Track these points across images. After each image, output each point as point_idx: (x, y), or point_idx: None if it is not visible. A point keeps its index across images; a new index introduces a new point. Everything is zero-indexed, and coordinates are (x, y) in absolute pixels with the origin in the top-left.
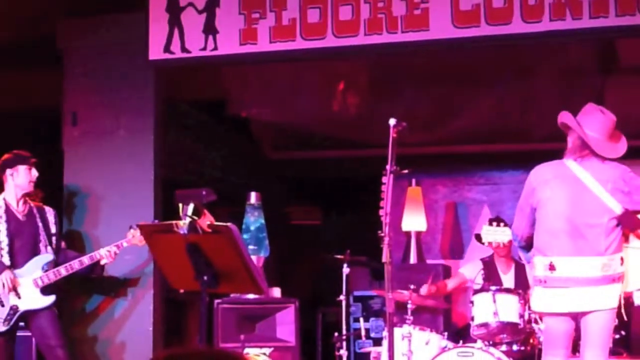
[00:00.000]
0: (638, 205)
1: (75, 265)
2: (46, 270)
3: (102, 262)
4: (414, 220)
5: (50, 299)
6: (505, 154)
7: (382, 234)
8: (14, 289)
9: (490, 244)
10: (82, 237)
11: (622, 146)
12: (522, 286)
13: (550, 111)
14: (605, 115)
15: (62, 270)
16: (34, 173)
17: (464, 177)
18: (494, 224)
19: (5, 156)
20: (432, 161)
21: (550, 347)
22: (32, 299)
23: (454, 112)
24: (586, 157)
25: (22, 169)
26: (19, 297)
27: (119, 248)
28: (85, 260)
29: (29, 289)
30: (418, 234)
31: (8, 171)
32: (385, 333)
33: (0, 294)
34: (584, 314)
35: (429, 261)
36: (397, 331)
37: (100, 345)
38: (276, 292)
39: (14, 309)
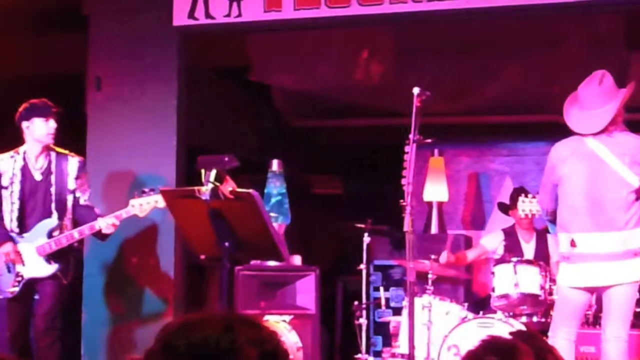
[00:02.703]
0: None
1: (75, 235)
2: (50, 237)
3: (104, 232)
4: (436, 190)
5: (54, 267)
6: (529, 125)
7: (404, 203)
8: (19, 256)
9: (526, 215)
10: (103, 202)
11: (609, 110)
12: (543, 256)
13: (575, 83)
14: (590, 86)
15: (63, 240)
16: (52, 125)
17: (487, 148)
18: (526, 195)
19: (22, 107)
20: (456, 131)
21: (565, 318)
22: (36, 267)
23: (478, 82)
24: (601, 132)
25: (37, 121)
26: (23, 264)
27: (117, 219)
28: (85, 230)
29: (33, 257)
30: (440, 204)
31: (24, 124)
32: (405, 302)
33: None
34: (605, 288)
35: (450, 231)
36: (418, 301)
37: (120, 311)
38: (297, 259)
39: (20, 275)
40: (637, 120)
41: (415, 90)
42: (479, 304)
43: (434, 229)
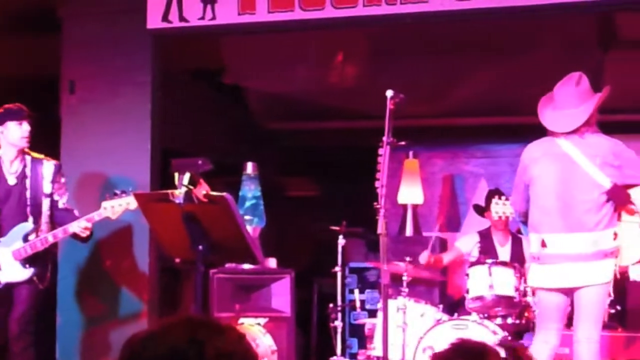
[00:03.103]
0: (630, 179)
1: (50, 238)
2: (26, 241)
3: (79, 235)
4: (410, 193)
5: (29, 272)
6: (504, 127)
7: (378, 206)
8: None
9: (500, 218)
10: (78, 205)
11: (584, 109)
12: (518, 259)
13: (549, 85)
14: (566, 86)
15: (38, 244)
16: (25, 128)
17: (461, 150)
18: (499, 197)
19: None
20: (430, 133)
21: (544, 321)
22: (12, 271)
23: (452, 84)
24: (573, 133)
25: (11, 125)
26: (0, 269)
27: (89, 222)
28: (59, 233)
29: (9, 261)
30: (415, 206)
31: None
32: (380, 305)
33: None
34: (575, 289)
35: (425, 234)
36: (392, 303)
37: (94, 314)
38: (272, 262)
39: None
40: (609, 121)
41: (389, 93)
42: (454, 306)
43: (408, 232)
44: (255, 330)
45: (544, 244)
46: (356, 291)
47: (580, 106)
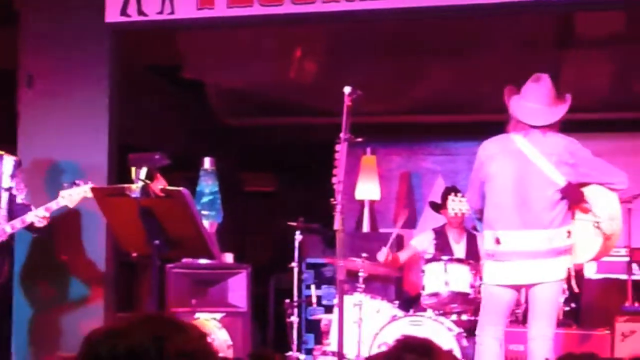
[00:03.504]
0: (584, 177)
1: (7, 229)
2: None
3: (36, 225)
4: (367, 189)
5: None
6: (461, 125)
7: (335, 202)
8: None
9: (456, 214)
10: (35, 199)
11: (558, 110)
12: (473, 256)
13: (506, 83)
14: (540, 83)
15: None
16: None
17: (419, 147)
18: (455, 194)
19: None
20: (388, 130)
21: (493, 316)
22: None
23: (410, 81)
24: (531, 130)
25: None
26: None
27: (48, 211)
28: (17, 224)
29: None
30: (372, 202)
31: None
32: (336, 300)
33: None
34: (530, 286)
35: (382, 230)
36: (348, 299)
37: (50, 306)
38: (228, 257)
39: None
40: (566, 120)
41: (347, 89)
42: (410, 302)
43: (365, 228)
44: (210, 325)
45: (498, 241)
46: (313, 287)
47: (552, 105)
